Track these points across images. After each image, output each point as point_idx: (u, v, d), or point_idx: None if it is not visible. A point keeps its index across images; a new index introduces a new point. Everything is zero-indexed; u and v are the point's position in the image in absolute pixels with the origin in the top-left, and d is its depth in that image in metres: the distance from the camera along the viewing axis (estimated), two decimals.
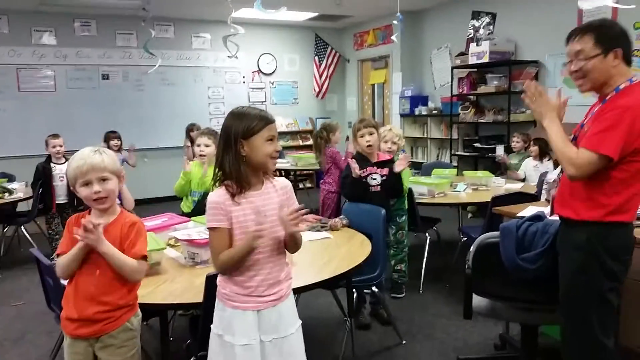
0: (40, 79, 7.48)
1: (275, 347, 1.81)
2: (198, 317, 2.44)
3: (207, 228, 1.79)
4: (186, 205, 3.66)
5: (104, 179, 1.83)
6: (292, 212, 1.74)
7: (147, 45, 5.65)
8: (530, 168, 4.97)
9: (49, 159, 5.02)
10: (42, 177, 4.94)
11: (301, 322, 1.92)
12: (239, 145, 1.73)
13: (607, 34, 1.99)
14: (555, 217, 2.21)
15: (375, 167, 3.41)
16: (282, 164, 6.96)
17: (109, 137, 6.07)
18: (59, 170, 4.99)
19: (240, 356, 1.76)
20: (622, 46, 1.98)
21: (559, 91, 2.14)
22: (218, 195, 1.77)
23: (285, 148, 8.96)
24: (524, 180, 4.94)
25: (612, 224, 1.97)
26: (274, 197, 1.82)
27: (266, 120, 1.77)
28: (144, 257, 1.88)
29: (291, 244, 1.83)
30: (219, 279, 1.85)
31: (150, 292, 2.13)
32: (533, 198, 3.66)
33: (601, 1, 5.40)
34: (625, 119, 1.89)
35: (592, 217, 1.98)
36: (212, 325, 1.85)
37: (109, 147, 5.76)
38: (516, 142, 5.45)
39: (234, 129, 1.74)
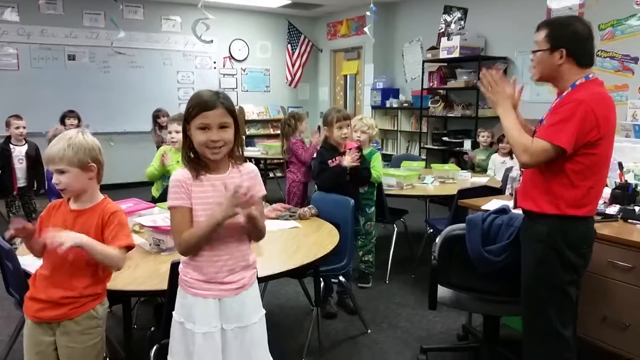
0: (1, 56, 7.20)
1: (237, 336, 1.79)
2: (163, 304, 2.42)
3: (169, 207, 1.75)
4: (156, 189, 3.62)
5: (61, 172, 1.80)
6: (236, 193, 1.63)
7: (114, 18, 5.49)
8: (498, 163, 5.06)
9: (7, 139, 4.86)
10: (1, 160, 4.77)
11: (265, 312, 1.91)
12: (185, 128, 1.74)
13: (556, 33, 2.05)
14: (519, 211, 2.26)
15: (343, 156, 3.40)
16: (252, 152, 6.91)
17: (66, 116, 5.76)
18: (18, 152, 4.84)
19: (201, 344, 1.75)
20: (568, 47, 2.02)
21: (514, 80, 2.21)
22: (180, 174, 1.75)
23: (255, 136, 8.91)
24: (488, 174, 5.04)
25: (571, 218, 2.03)
26: (237, 182, 1.76)
27: (200, 107, 1.68)
28: (127, 247, 1.84)
29: (251, 230, 1.77)
30: (181, 265, 1.83)
31: (113, 278, 2.07)
32: (498, 192, 3.73)
33: (568, 1, 5.54)
34: (578, 112, 1.95)
35: (551, 210, 2.04)
36: (173, 312, 1.83)
37: (65, 128, 5.54)
38: (483, 137, 5.52)
39: (185, 111, 1.74)
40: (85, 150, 1.82)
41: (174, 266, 1.92)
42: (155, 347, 2.21)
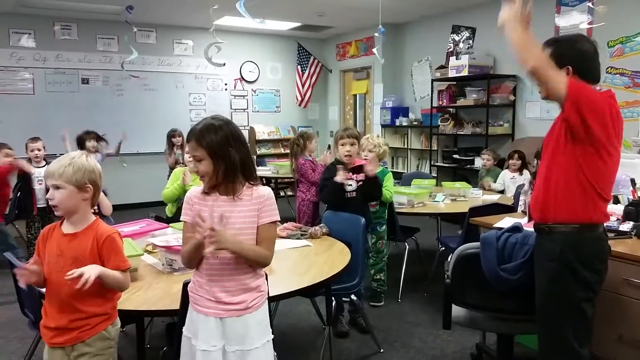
0: (18, 81, 7.36)
1: (238, 359, 1.78)
2: (175, 323, 2.43)
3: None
4: (169, 210, 3.65)
5: (57, 187, 1.82)
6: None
7: (127, 39, 5.61)
8: (508, 180, 5.05)
9: (29, 162, 4.96)
10: (21, 181, 4.87)
11: (272, 337, 1.89)
12: None
13: (561, 51, 2.06)
14: (532, 228, 2.25)
15: (350, 174, 3.41)
16: (263, 171, 6.95)
17: (85, 139, 5.47)
18: (37, 173, 4.93)
19: None
20: (574, 65, 2.03)
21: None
22: (191, 192, 1.86)
23: (266, 156, 8.97)
24: (502, 191, 5.02)
25: (583, 230, 2.01)
26: (245, 205, 1.80)
27: (188, 137, 1.82)
28: (125, 269, 1.87)
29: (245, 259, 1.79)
30: (191, 282, 1.87)
31: (127, 298, 2.10)
32: (510, 209, 3.71)
33: (576, 19, 5.57)
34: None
35: (564, 218, 2.03)
36: (183, 328, 1.86)
37: (84, 149, 5.51)
38: (486, 159, 5.45)
39: None
40: (85, 171, 1.84)
41: (186, 286, 1.94)
42: None
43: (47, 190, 1.86)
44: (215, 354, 1.75)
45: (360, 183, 3.41)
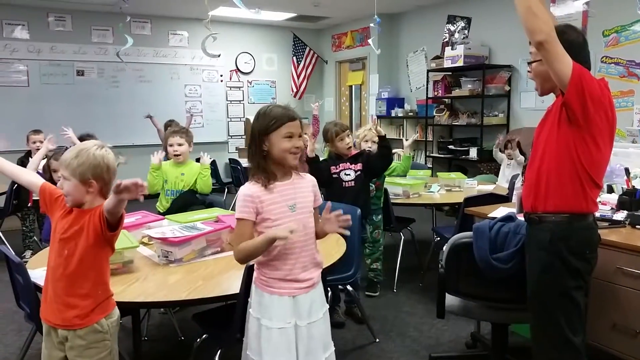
0: (12, 73, 7.32)
1: (308, 331, 1.90)
2: (202, 312, 2.50)
3: (236, 217, 1.88)
4: (162, 206, 3.61)
5: (65, 178, 1.82)
6: (339, 215, 1.94)
7: (121, 26, 5.58)
8: (505, 165, 5.05)
9: (28, 154, 4.96)
10: None
11: (328, 307, 2.03)
12: (260, 141, 1.87)
13: None
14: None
15: (348, 163, 3.45)
16: None
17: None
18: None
19: (276, 339, 1.85)
20: None
21: None
22: (248, 189, 1.87)
23: None
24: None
25: (573, 219, 2.02)
26: (304, 187, 1.95)
27: (284, 119, 1.88)
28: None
29: (322, 235, 2.01)
30: (256, 266, 1.93)
31: (122, 290, 2.10)
32: (504, 199, 3.73)
33: (572, 8, 5.56)
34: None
35: (554, 207, 2.03)
36: (250, 309, 1.93)
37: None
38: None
39: (257, 127, 1.90)
40: (89, 166, 1.82)
41: (250, 269, 2.00)
42: (219, 352, 2.30)
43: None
44: (290, 330, 1.87)
45: (359, 172, 3.43)
